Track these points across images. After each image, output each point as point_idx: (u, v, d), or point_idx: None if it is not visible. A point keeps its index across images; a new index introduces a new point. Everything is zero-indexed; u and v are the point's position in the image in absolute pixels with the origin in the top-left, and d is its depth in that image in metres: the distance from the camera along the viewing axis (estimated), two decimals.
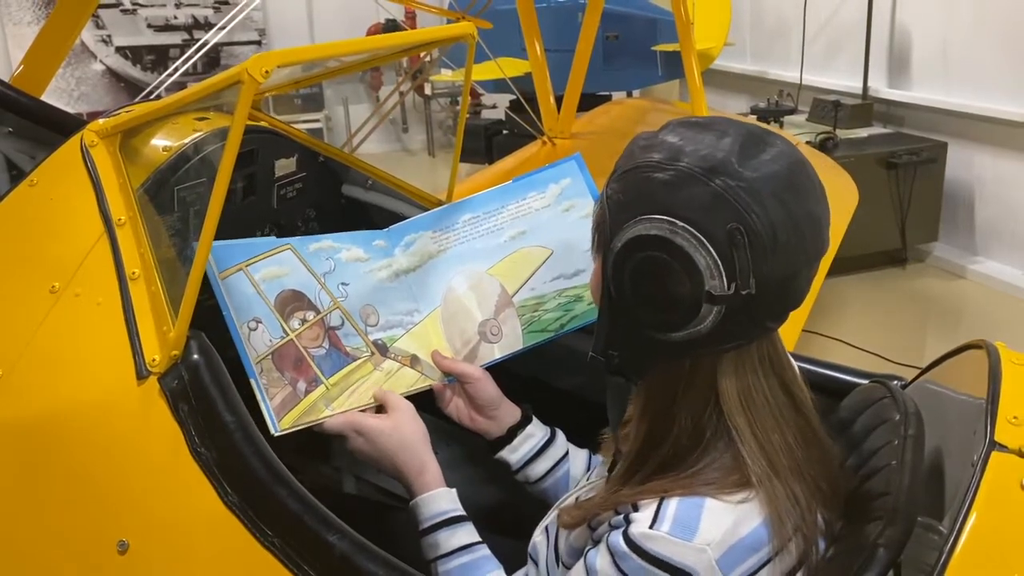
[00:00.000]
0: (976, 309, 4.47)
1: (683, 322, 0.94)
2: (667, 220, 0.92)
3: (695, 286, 0.92)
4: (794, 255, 0.93)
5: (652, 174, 0.94)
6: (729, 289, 0.91)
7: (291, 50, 1.14)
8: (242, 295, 1.28)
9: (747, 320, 0.94)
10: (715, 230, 0.90)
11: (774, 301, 0.95)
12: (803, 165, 0.96)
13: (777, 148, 0.95)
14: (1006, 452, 0.99)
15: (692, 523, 0.92)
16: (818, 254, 0.96)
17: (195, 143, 1.50)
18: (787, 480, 0.96)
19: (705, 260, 0.91)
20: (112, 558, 1.17)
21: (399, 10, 6.54)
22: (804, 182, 0.95)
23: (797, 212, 0.92)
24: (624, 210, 0.96)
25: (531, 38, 4.14)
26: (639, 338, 0.98)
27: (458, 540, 1.19)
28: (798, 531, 0.96)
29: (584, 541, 1.06)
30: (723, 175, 0.91)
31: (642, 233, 0.93)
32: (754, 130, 0.97)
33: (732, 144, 0.93)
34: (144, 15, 7.19)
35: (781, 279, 0.93)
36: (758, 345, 0.99)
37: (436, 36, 1.52)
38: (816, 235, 0.95)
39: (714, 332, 0.94)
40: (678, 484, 0.97)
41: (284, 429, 1.23)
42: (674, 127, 0.99)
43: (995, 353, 1.14)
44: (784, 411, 1.00)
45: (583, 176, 1.59)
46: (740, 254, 0.90)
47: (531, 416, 1.43)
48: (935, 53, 4.87)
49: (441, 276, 1.50)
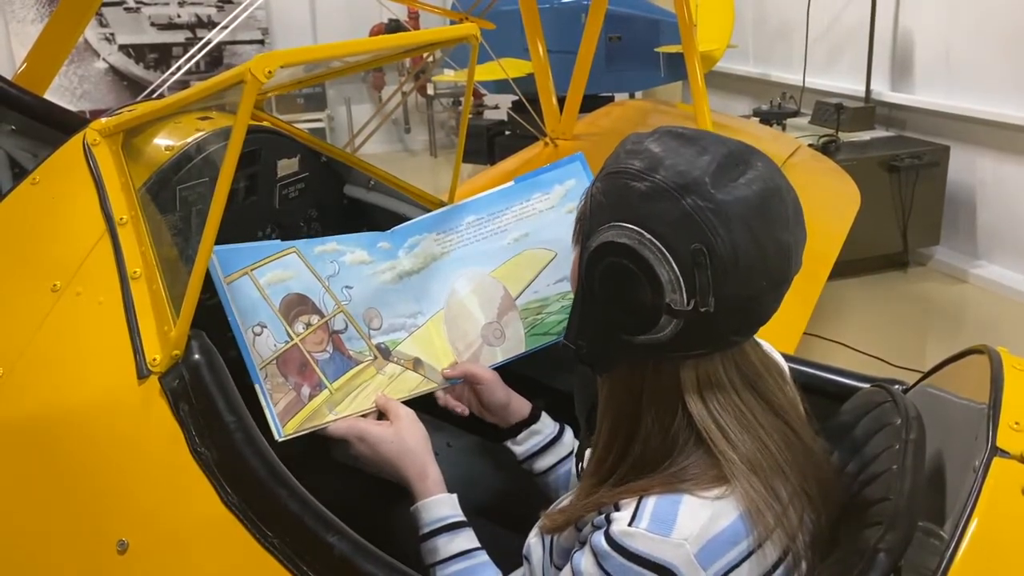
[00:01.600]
0: (977, 313, 4.46)
1: (644, 328, 0.96)
2: (637, 231, 0.94)
3: (656, 297, 0.94)
4: (756, 279, 0.94)
5: (630, 182, 0.96)
6: (688, 305, 0.93)
7: (294, 50, 1.14)
8: (247, 299, 1.28)
9: (708, 333, 0.96)
10: (680, 247, 0.92)
11: (734, 319, 0.97)
12: (778, 191, 0.97)
13: (755, 172, 0.96)
14: (1008, 458, 0.99)
15: (669, 519, 0.93)
16: (784, 279, 0.98)
17: (197, 142, 1.50)
18: (766, 477, 0.97)
19: (667, 275, 0.93)
20: (111, 557, 1.17)
21: (402, 10, 6.54)
22: (776, 209, 0.96)
23: (763, 239, 0.94)
24: (602, 211, 0.98)
25: (534, 39, 4.14)
26: (606, 334, 1.01)
27: (457, 546, 1.20)
28: (779, 526, 0.96)
29: (572, 542, 1.07)
30: (695, 194, 0.93)
31: (613, 240, 0.96)
32: (736, 149, 0.98)
33: (709, 163, 0.95)
34: (147, 13, 7.19)
35: (741, 299, 0.95)
36: (722, 355, 1.00)
37: (440, 37, 1.52)
38: (782, 262, 0.96)
39: (675, 340, 0.96)
40: (657, 482, 0.98)
41: (288, 434, 1.23)
42: (661, 135, 1.00)
43: (997, 358, 1.14)
44: (759, 417, 1.00)
45: (587, 176, 1.58)
46: (701, 274, 0.92)
47: (540, 413, 1.44)
48: (938, 56, 4.87)
49: (444, 278, 1.50)
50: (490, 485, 1.68)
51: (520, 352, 1.49)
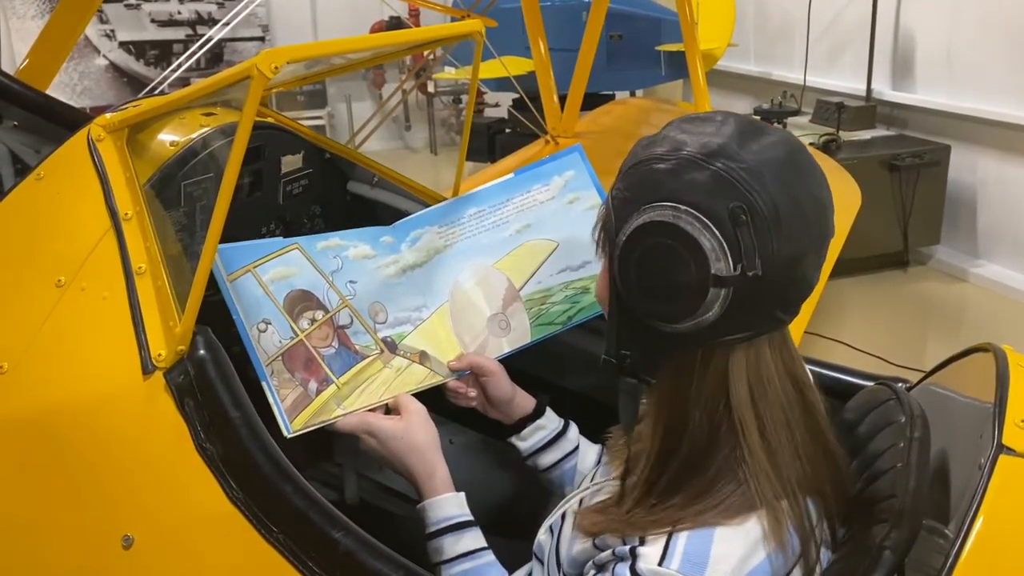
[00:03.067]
0: (978, 312, 4.47)
1: (690, 310, 0.93)
2: (670, 205, 0.92)
3: (701, 269, 0.92)
4: (799, 234, 0.93)
5: (654, 165, 0.95)
6: (735, 270, 0.91)
7: (301, 46, 1.13)
8: (251, 297, 1.28)
9: (755, 307, 0.94)
10: (718, 211, 0.91)
11: (782, 285, 0.94)
12: (803, 150, 0.97)
13: (776, 135, 0.97)
14: (1014, 456, 0.99)
15: (702, 559, 0.92)
16: (824, 238, 0.96)
17: (202, 138, 1.50)
18: (794, 493, 0.96)
19: (710, 242, 0.91)
20: (117, 552, 1.17)
21: (403, 7, 6.54)
22: (805, 164, 0.95)
23: (799, 192, 0.93)
24: (628, 204, 0.96)
25: (535, 37, 4.14)
26: (649, 333, 0.98)
27: (463, 546, 1.19)
28: (804, 548, 0.95)
29: (586, 556, 1.05)
30: (723, 158, 0.92)
31: (646, 221, 0.94)
32: (752, 119, 0.99)
33: (731, 131, 0.95)
34: (148, 10, 7.19)
35: (787, 260, 0.92)
36: (770, 338, 0.98)
37: (444, 33, 1.51)
38: (820, 215, 0.95)
39: (722, 320, 0.93)
40: (687, 513, 0.96)
41: (297, 430, 1.23)
42: (675, 124, 1.00)
43: (1003, 356, 1.14)
44: (795, 409, 0.99)
45: (586, 167, 1.59)
46: (744, 233, 0.90)
47: (544, 408, 1.43)
48: (939, 56, 4.87)
49: (448, 271, 1.50)
50: (493, 482, 1.68)
51: (526, 342, 1.49)
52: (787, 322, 1.00)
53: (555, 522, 1.19)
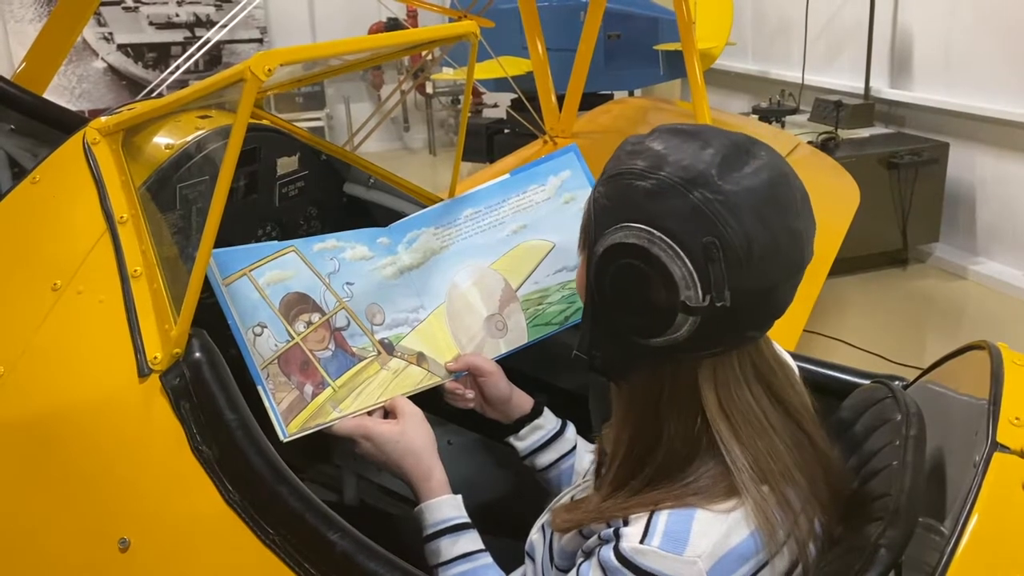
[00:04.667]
0: (977, 310, 4.47)
1: (660, 329, 0.95)
2: (646, 230, 0.93)
3: (671, 295, 0.93)
4: (771, 269, 0.93)
5: (635, 182, 0.95)
6: (704, 301, 0.92)
7: (294, 48, 1.13)
8: (247, 300, 1.28)
9: (725, 329, 0.95)
10: (692, 242, 0.91)
11: (751, 312, 0.95)
12: (785, 178, 0.96)
13: (760, 161, 0.95)
14: (1008, 453, 0.99)
15: (682, 536, 0.92)
16: (798, 267, 0.97)
17: (197, 141, 1.50)
18: (777, 485, 0.96)
19: (681, 271, 0.92)
20: (113, 555, 1.17)
21: (401, 8, 6.54)
22: (784, 196, 0.95)
23: (776, 227, 0.93)
24: (607, 215, 0.97)
25: (533, 37, 4.14)
26: (620, 341, 0.99)
27: (460, 548, 1.19)
28: (790, 536, 0.96)
29: (575, 547, 1.06)
30: (702, 187, 0.91)
31: (622, 241, 0.94)
32: (739, 141, 0.97)
33: (714, 156, 0.94)
34: (146, 13, 7.19)
35: (757, 292, 0.94)
36: (739, 353, 0.99)
37: (439, 35, 1.51)
38: (795, 249, 0.95)
39: (692, 339, 0.94)
40: (669, 495, 0.97)
41: (293, 434, 1.23)
42: (661, 133, 0.99)
43: (997, 354, 1.14)
44: (770, 417, 0.99)
45: (582, 167, 1.59)
46: (715, 267, 0.91)
47: (542, 408, 1.44)
48: (937, 53, 4.87)
49: (445, 272, 1.50)
50: (491, 483, 1.68)
51: (523, 343, 1.49)
52: (758, 338, 1.01)
53: (547, 521, 1.19)
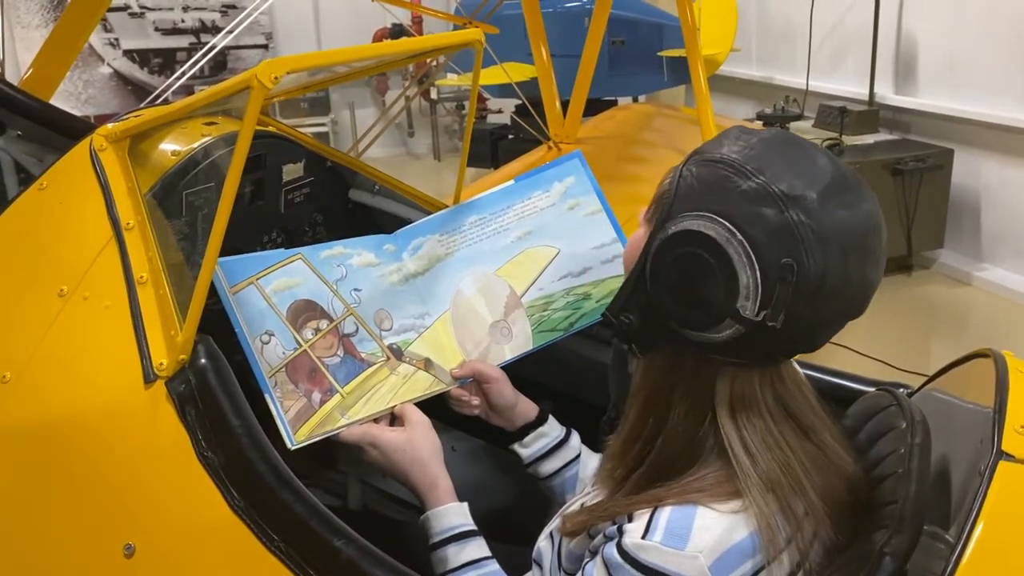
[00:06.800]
0: (982, 316, 4.46)
1: (702, 326, 0.94)
2: (728, 227, 0.91)
3: (728, 299, 0.92)
4: (831, 308, 0.93)
5: (733, 176, 0.92)
6: (757, 316, 0.91)
7: (301, 56, 1.14)
8: (254, 309, 1.28)
9: (759, 346, 0.95)
10: (770, 257, 0.90)
11: (792, 341, 0.96)
12: (878, 228, 0.95)
13: (864, 204, 0.93)
14: (1013, 461, 0.99)
15: (684, 531, 0.93)
16: (854, 315, 0.97)
17: (204, 148, 1.50)
18: (784, 495, 0.96)
19: (747, 280, 0.90)
20: (119, 561, 1.17)
21: (406, 15, 6.55)
22: (873, 244, 0.94)
23: (853, 270, 0.92)
24: (691, 196, 0.95)
25: (537, 43, 4.14)
26: (657, 319, 0.98)
27: (467, 555, 1.19)
28: (792, 543, 0.96)
29: (583, 548, 1.06)
30: (799, 208, 0.89)
31: (699, 229, 0.92)
32: (849, 174, 0.95)
33: (821, 180, 0.91)
34: (152, 18, 7.22)
35: (809, 324, 0.94)
36: (761, 372, 0.99)
37: (445, 42, 1.52)
38: (861, 298, 0.95)
39: (726, 345, 0.94)
40: (672, 493, 0.97)
41: (300, 442, 1.23)
42: (775, 141, 0.96)
43: (1002, 362, 1.14)
44: (787, 438, 0.99)
45: (586, 173, 1.60)
46: (783, 289, 0.90)
47: (547, 416, 1.44)
48: (942, 59, 4.87)
49: (450, 279, 1.50)
50: (495, 489, 1.68)
51: (528, 349, 1.50)
52: (780, 363, 1.01)
53: (556, 528, 1.19)
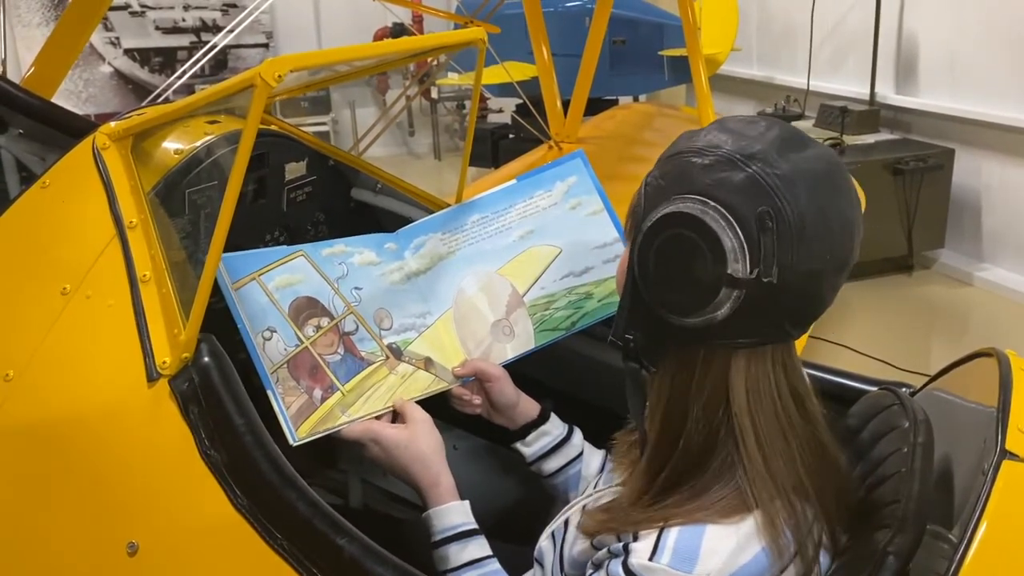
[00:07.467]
0: (982, 316, 4.46)
1: (700, 305, 0.94)
2: (699, 199, 0.93)
3: (717, 267, 0.92)
4: (821, 251, 0.93)
5: (692, 159, 0.96)
6: (751, 274, 0.91)
7: (304, 54, 1.14)
8: (256, 305, 1.28)
9: (765, 314, 0.94)
10: (746, 212, 0.91)
11: (794, 298, 0.95)
12: (841, 170, 0.97)
13: (819, 150, 0.97)
14: (1017, 461, 0.99)
15: (692, 554, 0.92)
16: (846, 260, 0.96)
17: (206, 146, 1.51)
18: (789, 497, 0.96)
19: (731, 241, 0.91)
20: (122, 559, 1.17)
21: (407, 14, 6.55)
22: (841, 183, 0.96)
23: (829, 209, 0.93)
24: (660, 193, 0.97)
25: (538, 43, 4.15)
26: (656, 322, 0.99)
27: (468, 554, 1.19)
28: (800, 549, 0.96)
29: (586, 557, 1.06)
30: (760, 162, 0.92)
31: (674, 211, 0.94)
32: (797, 131, 0.99)
33: (774, 138, 0.95)
34: (152, 17, 7.22)
35: (804, 273, 0.93)
36: (773, 348, 0.99)
37: (447, 41, 1.52)
38: (846, 237, 0.95)
39: (730, 321, 0.94)
40: (681, 511, 0.96)
41: (302, 438, 1.23)
42: (720, 122, 1.00)
43: (1006, 361, 1.14)
44: (792, 419, 0.99)
45: (588, 173, 1.60)
46: (767, 239, 0.91)
47: (548, 414, 1.44)
48: (943, 59, 4.87)
49: (452, 278, 1.50)
50: (498, 488, 1.68)
51: (530, 348, 1.50)
52: (795, 337, 1.00)
53: (558, 528, 1.19)
